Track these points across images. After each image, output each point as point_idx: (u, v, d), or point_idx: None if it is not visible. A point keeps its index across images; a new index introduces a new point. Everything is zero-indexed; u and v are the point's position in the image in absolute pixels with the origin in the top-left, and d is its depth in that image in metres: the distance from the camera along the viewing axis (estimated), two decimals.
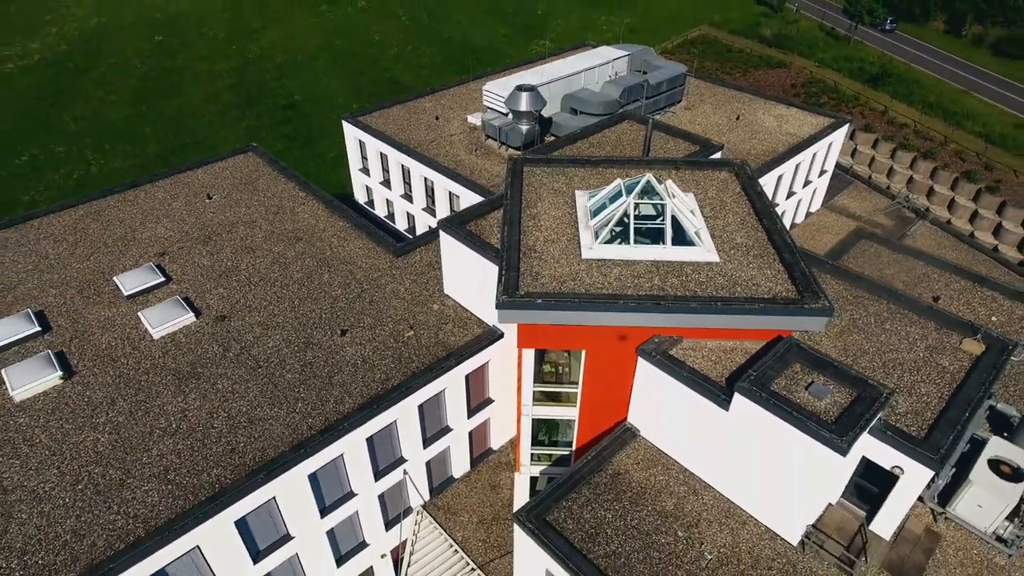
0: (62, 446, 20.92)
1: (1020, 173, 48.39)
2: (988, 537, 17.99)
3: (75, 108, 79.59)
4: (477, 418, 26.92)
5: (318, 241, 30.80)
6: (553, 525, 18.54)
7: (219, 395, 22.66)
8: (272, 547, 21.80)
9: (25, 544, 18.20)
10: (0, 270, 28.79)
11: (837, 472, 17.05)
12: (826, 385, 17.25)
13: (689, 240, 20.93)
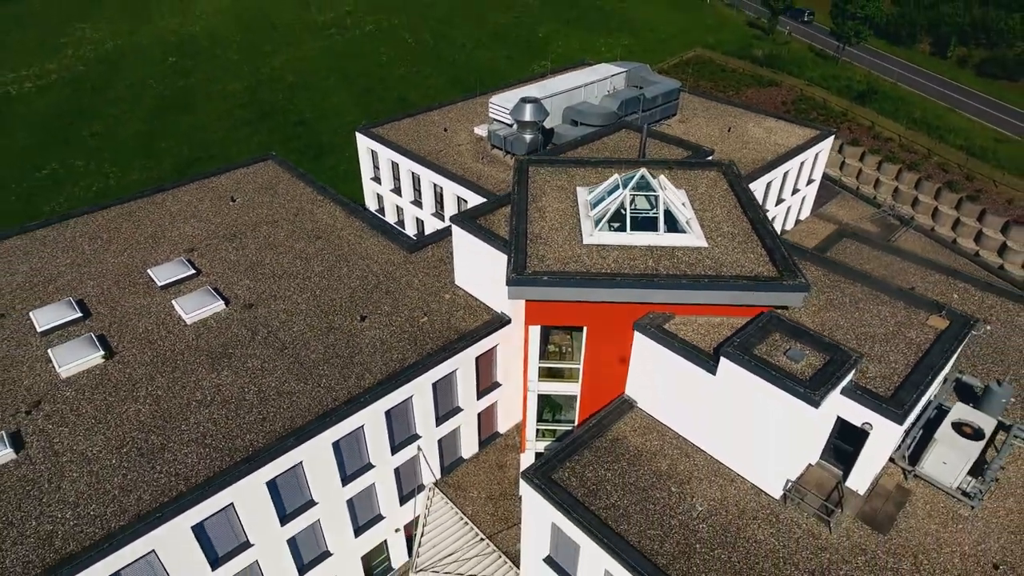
0: (107, 416, 22.82)
1: (1000, 183, 50.80)
2: (953, 491, 19.81)
3: (93, 125, 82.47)
4: (485, 400, 28.80)
5: (336, 239, 32.96)
6: (558, 482, 20.37)
7: (249, 372, 24.61)
8: (298, 511, 23.57)
9: (78, 498, 20.03)
10: (41, 264, 30.93)
11: (814, 428, 18.95)
12: (802, 350, 19.24)
13: (680, 228, 23.09)
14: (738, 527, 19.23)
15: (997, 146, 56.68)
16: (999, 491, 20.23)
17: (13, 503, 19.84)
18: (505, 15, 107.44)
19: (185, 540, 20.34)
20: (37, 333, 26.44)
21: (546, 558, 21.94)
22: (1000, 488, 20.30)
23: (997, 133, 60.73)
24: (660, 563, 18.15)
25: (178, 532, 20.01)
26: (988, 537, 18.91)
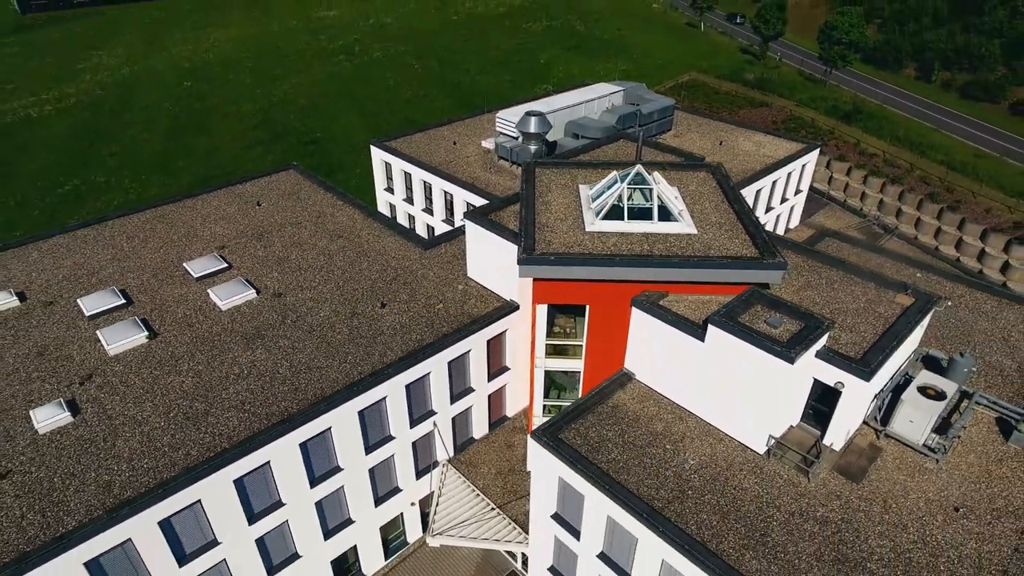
0: (153, 387, 25.13)
1: (978, 194, 53.67)
2: (920, 447, 22.03)
3: (111, 145, 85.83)
4: (495, 383, 31.07)
5: (356, 238, 35.57)
6: (564, 441, 22.61)
7: (281, 350, 26.98)
8: (326, 475, 25.71)
9: (131, 454, 22.24)
10: (84, 259, 33.48)
11: (792, 387, 21.26)
12: (780, 318, 21.67)
13: (673, 217, 25.70)
14: (726, 477, 21.43)
15: (976, 161, 59.77)
16: (962, 448, 22.46)
17: (73, 458, 22.04)
18: (508, 42, 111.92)
19: (227, 493, 22.50)
20: (85, 317, 28.86)
21: (553, 515, 24.04)
22: (963, 445, 22.53)
23: (976, 150, 63.93)
24: (656, 506, 20.31)
25: (221, 485, 22.18)
26: (950, 485, 21.10)
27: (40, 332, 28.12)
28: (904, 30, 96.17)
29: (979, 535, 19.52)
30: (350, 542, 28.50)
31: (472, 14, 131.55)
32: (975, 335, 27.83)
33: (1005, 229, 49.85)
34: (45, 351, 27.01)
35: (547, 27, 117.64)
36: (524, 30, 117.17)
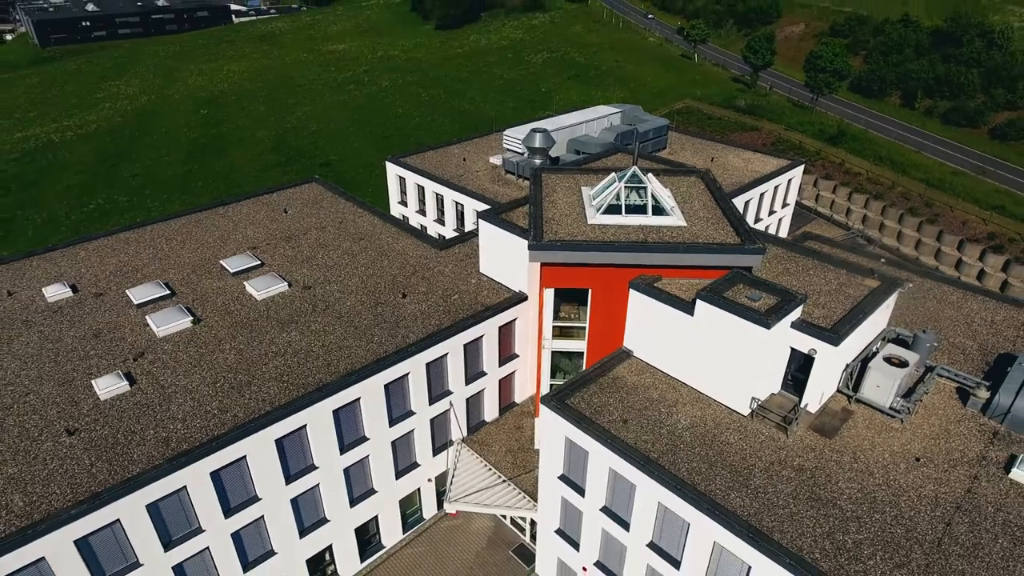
0: (200, 362, 27.96)
1: (955, 208, 57.08)
2: (886, 409, 24.77)
3: (133, 167, 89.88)
4: (505, 368, 33.86)
5: (376, 240, 38.73)
6: (570, 405, 25.35)
7: (313, 333, 29.87)
8: (354, 443, 28.36)
9: (184, 416, 24.97)
10: (128, 258, 36.58)
11: (771, 353, 24.09)
12: (759, 294, 24.64)
13: (665, 212, 28.88)
14: (714, 434, 24.13)
15: (953, 178, 63.38)
16: (925, 412, 25.20)
17: (133, 418, 24.77)
18: (511, 73, 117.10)
19: (269, 452, 25.17)
20: (134, 305, 31.83)
21: (560, 476, 26.63)
22: (926, 409, 25.27)
23: (954, 168, 67.65)
24: (652, 456, 22.98)
25: (264, 443, 24.86)
26: (913, 441, 23.81)
27: (94, 318, 31.06)
28: (888, 61, 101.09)
29: (936, 480, 22.17)
30: (372, 512, 30.95)
31: (476, 47, 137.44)
32: (941, 320, 30.76)
33: (980, 239, 53.12)
34: (100, 333, 29.91)
35: (548, 59, 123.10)
36: (526, 61, 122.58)
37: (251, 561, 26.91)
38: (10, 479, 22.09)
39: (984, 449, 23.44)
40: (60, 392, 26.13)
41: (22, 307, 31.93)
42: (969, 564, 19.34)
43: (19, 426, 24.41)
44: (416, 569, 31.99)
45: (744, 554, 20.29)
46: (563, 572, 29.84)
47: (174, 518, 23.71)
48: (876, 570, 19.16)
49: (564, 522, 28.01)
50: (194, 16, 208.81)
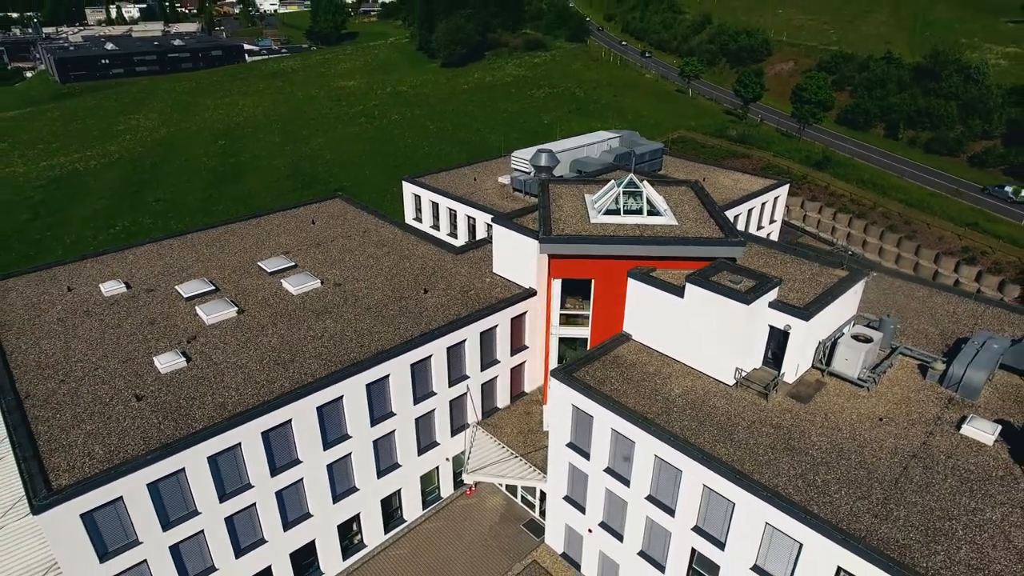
0: (247, 344, 31.44)
1: (932, 226, 61.06)
2: (855, 380, 28.17)
3: (156, 192, 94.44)
4: (516, 358, 37.27)
5: (398, 246, 42.56)
6: (576, 377, 28.76)
7: (345, 321, 33.41)
8: (383, 417, 31.63)
9: (237, 385, 28.32)
10: (172, 261, 40.33)
11: (750, 326, 27.58)
12: (741, 278, 28.30)
13: (659, 212, 32.74)
14: (703, 400, 27.49)
15: (931, 199, 67.61)
16: (889, 383, 28.58)
17: (191, 388, 28.14)
18: (514, 106, 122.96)
19: (310, 417, 28.46)
20: (183, 299, 35.43)
21: (568, 443, 29.85)
22: (890, 380, 28.66)
23: (931, 191, 72.00)
24: (649, 417, 26.31)
25: (306, 409, 28.18)
26: (877, 405, 27.16)
27: (148, 309, 34.66)
28: (872, 95, 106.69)
29: (896, 435, 25.48)
30: (396, 485, 33.99)
31: (481, 83, 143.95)
32: (908, 311, 34.37)
33: (955, 253, 56.92)
34: (155, 321, 33.47)
35: (549, 93, 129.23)
36: (528, 96, 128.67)
37: (290, 522, 29.91)
38: (89, 434, 25.40)
39: (939, 412, 26.79)
40: (125, 367, 29.57)
41: (82, 300, 35.55)
42: (920, 497, 22.55)
43: (92, 393, 27.79)
44: (435, 542, 34.83)
45: (729, 492, 23.49)
46: (570, 539, 32.78)
47: (229, 473, 26.88)
48: (841, 502, 22.35)
49: (571, 488, 31.08)
50: (209, 55, 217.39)
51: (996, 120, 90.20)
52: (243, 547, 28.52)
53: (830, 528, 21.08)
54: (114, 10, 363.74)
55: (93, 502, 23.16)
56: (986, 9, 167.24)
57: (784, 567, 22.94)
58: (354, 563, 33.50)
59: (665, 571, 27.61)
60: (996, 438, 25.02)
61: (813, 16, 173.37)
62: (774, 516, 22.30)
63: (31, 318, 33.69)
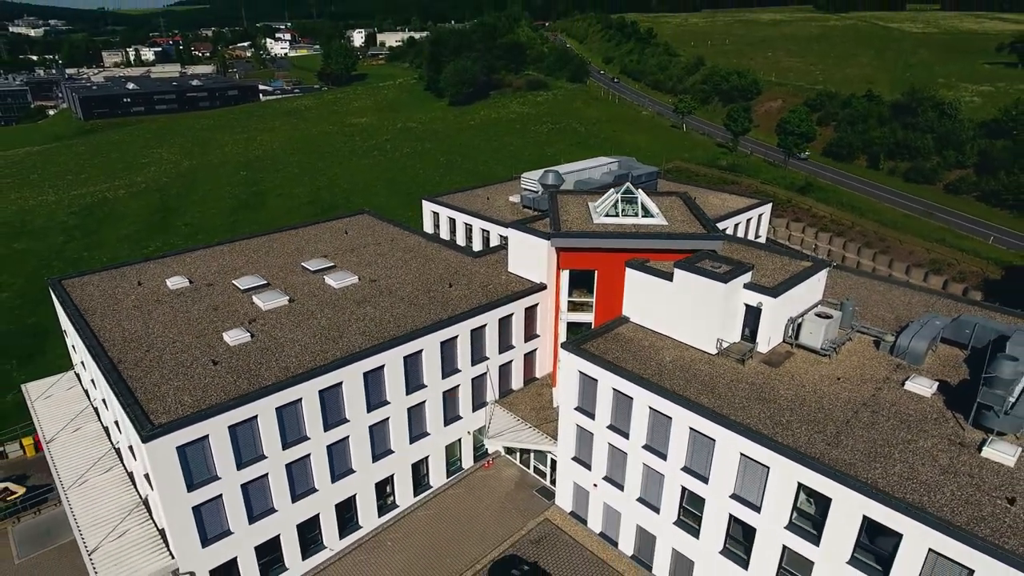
0: (300, 324, 36.70)
1: (904, 242, 66.76)
2: (818, 350, 33.32)
3: (184, 217, 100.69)
4: (529, 345, 42.46)
5: (423, 251, 48.16)
6: (583, 348, 33.95)
7: (383, 308, 38.74)
8: (417, 387, 36.68)
9: (296, 354, 33.51)
10: (227, 261, 45.86)
11: (728, 304, 32.88)
12: (720, 265, 33.78)
13: (651, 214, 38.43)
14: (689, 365, 32.63)
15: (904, 219, 73.54)
16: (847, 353, 33.74)
17: (258, 356, 33.28)
18: (519, 141, 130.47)
19: (357, 381, 33.54)
20: (240, 291, 40.83)
21: (576, 407, 34.84)
22: (848, 351, 33.83)
23: (904, 213, 78.04)
24: (643, 377, 31.42)
25: (354, 374, 33.29)
26: (836, 369, 32.28)
27: (211, 298, 40.04)
28: (855, 129, 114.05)
29: (850, 389, 30.56)
30: (424, 452, 38.79)
31: (487, 120, 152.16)
32: (869, 302, 39.73)
33: (924, 264, 62.45)
34: (218, 307, 38.82)
35: (552, 129, 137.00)
36: (532, 131, 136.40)
37: (338, 474, 34.68)
38: (177, 388, 30.49)
39: (888, 374, 31.93)
40: (199, 341, 34.82)
41: (152, 292, 40.96)
42: (866, 432, 27.54)
43: (174, 360, 32.97)
44: (458, 504, 39.42)
45: (711, 431, 28.47)
46: (578, 498, 37.43)
47: (291, 425, 31.84)
48: (801, 435, 27.33)
49: (579, 448, 35.91)
50: (225, 94, 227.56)
51: (968, 151, 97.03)
52: (298, 493, 33.27)
53: (791, 452, 26.05)
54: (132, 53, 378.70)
55: (186, 437, 28.13)
56: (965, 52, 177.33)
57: (756, 491, 27.77)
58: (387, 520, 38.07)
59: (660, 512, 32.31)
60: (934, 392, 30.09)
61: (801, 59, 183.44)
62: (747, 446, 27.27)
63: (110, 305, 39.05)
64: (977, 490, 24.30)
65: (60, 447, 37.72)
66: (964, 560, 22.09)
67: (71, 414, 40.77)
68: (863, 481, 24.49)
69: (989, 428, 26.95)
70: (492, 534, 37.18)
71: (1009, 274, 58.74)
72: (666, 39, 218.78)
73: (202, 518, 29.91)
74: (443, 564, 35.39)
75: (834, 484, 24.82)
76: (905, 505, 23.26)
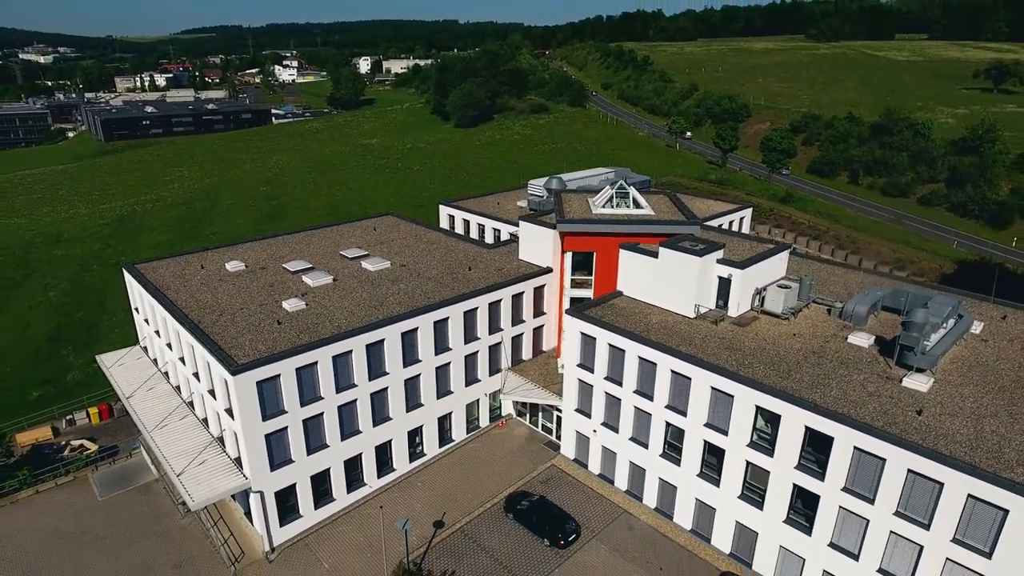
0: (346, 297, 43.48)
1: (873, 243, 73.91)
2: (779, 314, 40.11)
3: (211, 227, 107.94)
4: (538, 320, 49.24)
5: (443, 243, 55.21)
6: (584, 313, 40.75)
7: (414, 285, 45.60)
8: (443, 350, 43.37)
9: (346, 317, 40.29)
10: (273, 251, 52.84)
11: (703, 275, 39.73)
12: (696, 243, 40.77)
13: (641, 206, 45.57)
14: (672, 326, 39.38)
15: (874, 225, 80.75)
16: (804, 318, 40.50)
17: (313, 318, 40.03)
18: (523, 159, 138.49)
19: (396, 339, 40.25)
20: (290, 273, 47.75)
21: (578, 364, 41.50)
22: (805, 317, 40.59)
23: (875, 220, 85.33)
24: (634, 333, 38.16)
25: (394, 333, 40.01)
26: (793, 329, 39.01)
27: (265, 278, 46.94)
28: (836, 148, 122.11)
29: (803, 342, 37.28)
30: (448, 408, 45.32)
31: (492, 140, 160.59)
32: (829, 283, 46.62)
33: (889, 263, 69.31)
34: (273, 284, 45.70)
35: (553, 148, 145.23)
36: (535, 150, 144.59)
37: (377, 420, 41.17)
38: (252, 340, 37.21)
39: (835, 332, 38.68)
40: (262, 308, 41.63)
41: (215, 274, 47.87)
42: (812, 370, 34.20)
43: (245, 320, 39.75)
44: (476, 455, 45.81)
45: (687, 371, 35.12)
46: (580, 446, 43.86)
47: (343, 372, 38.44)
48: (759, 372, 33.97)
49: (580, 401, 42.48)
50: (239, 117, 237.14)
51: (939, 167, 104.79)
52: (346, 432, 39.75)
53: (751, 382, 32.70)
54: (146, 79, 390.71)
55: (263, 374, 34.77)
56: (945, 77, 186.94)
57: (725, 418, 34.31)
58: (416, 466, 44.43)
59: (648, 447, 38.78)
60: (871, 344, 36.81)
61: (790, 84, 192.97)
62: (716, 380, 33.91)
63: (181, 283, 45.93)
64: (894, 406, 30.94)
65: (138, 401, 44.26)
66: (881, 452, 28.62)
67: (143, 378, 47.35)
68: (805, 400, 31.12)
69: (909, 365, 33.63)
70: (506, 476, 43.55)
71: (961, 268, 65.77)
72: (662, 66, 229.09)
73: (271, 446, 36.38)
74: (465, 499, 41.71)
75: (783, 403, 31.44)
76: (836, 414, 29.86)
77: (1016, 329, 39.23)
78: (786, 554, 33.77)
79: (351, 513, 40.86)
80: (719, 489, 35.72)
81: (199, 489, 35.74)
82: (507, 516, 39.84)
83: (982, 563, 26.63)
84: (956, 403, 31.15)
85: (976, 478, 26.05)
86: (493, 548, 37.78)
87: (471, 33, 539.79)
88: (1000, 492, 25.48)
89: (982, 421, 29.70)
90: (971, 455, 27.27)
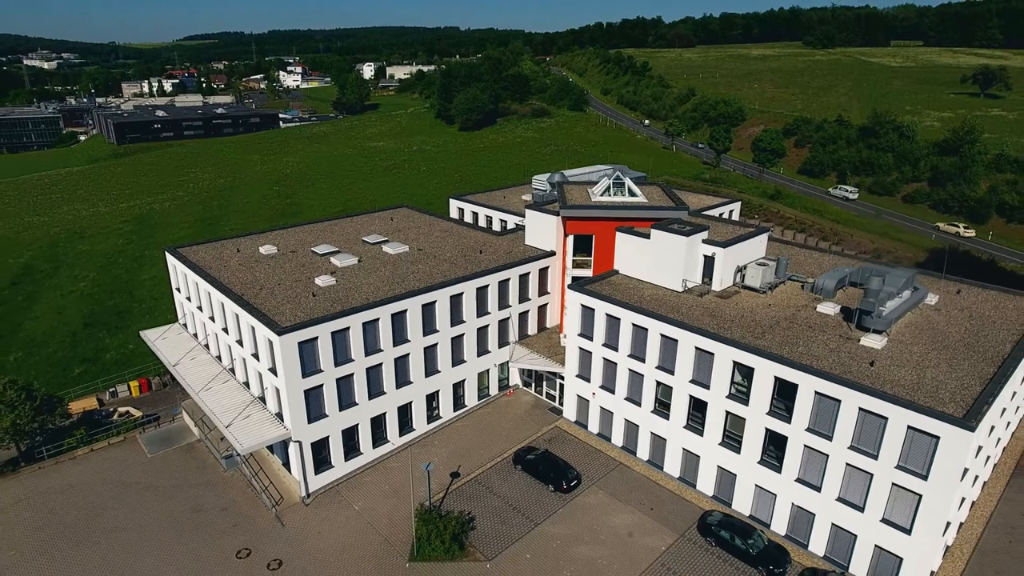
0: (370, 276, 48.57)
1: (854, 236, 79.00)
2: (758, 288, 45.12)
3: (229, 223, 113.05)
4: (542, 299, 54.26)
5: (456, 231, 60.31)
6: (584, 287, 45.77)
7: (431, 265, 50.68)
8: (458, 322, 48.38)
9: (373, 290, 45.33)
10: (300, 237, 57.93)
11: (691, 254, 44.75)
12: (685, 226, 45.83)
13: (635, 194, 50.70)
14: (662, 299, 44.40)
15: (856, 219, 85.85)
16: (780, 292, 45.52)
17: (343, 292, 45.07)
18: (525, 160, 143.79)
19: (417, 311, 45.29)
20: (319, 255, 52.83)
21: (579, 333, 46.50)
22: (781, 291, 45.61)
23: (858, 215, 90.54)
24: (629, 303, 43.17)
25: (415, 305, 45.05)
26: (770, 300, 44.06)
27: (296, 259, 52.02)
28: (826, 150, 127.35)
29: (777, 311, 42.29)
30: (462, 376, 50.28)
31: (495, 143, 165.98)
32: (806, 265, 51.67)
33: (868, 252, 74.31)
34: (304, 265, 50.77)
35: (555, 150, 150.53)
36: (537, 152, 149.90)
37: (400, 383, 46.12)
38: (291, 308, 42.22)
39: (806, 303, 43.71)
40: (297, 283, 46.68)
41: (249, 256, 52.94)
42: (783, 332, 39.20)
43: (283, 293, 44.80)
44: (486, 419, 50.76)
45: (675, 334, 40.12)
46: (580, 408, 48.82)
47: (371, 338, 43.42)
48: (737, 333, 38.96)
49: (581, 367, 47.46)
50: (248, 121, 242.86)
51: (922, 167, 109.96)
52: (373, 393, 44.71)
53: (729, 340, 37.69)
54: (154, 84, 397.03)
55: (303, 336, 39.76)
56: (935, 83, 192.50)
57: (707, 374, 39.27)
58: (433, 428, 49.36)
59: (641, 405, 43.73)
60: (837, 313, 41.80)
61: (785, 89, 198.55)
62: (700, 341, 38.89)
63: (221, 264, 50.99)
64: (851, 360, 35.94)
65: (184, 369, 49.24)
66: (837, 395, 33.53)
67: (185, 349, 52.34)
68: (775, 354, 36.10)
69: (867, 328, 38.62)
70: (514, 436, 48.50)
71: (932, 254, 70.78)
72: (660, 72, 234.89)
73: (309, 401, 41.31)
74: (478, 454, 46.64)
75: (756, 358, 36.41)
76: (801, 365, 34.84)
77: (967, 301, 44.28)
78: (760, 492, 38.70)
79: (376, 467, 45.78)
80: (702, 438, 40.66)
81: (246, 437, 40.68)
82: (516, 468, 44.75)
83: (919, 484, 31.55)
84: (904, 357, 36.17)
85: (914, 411, 31.00)
86: (504, 494, 42.68)
87: (472, 39, 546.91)
88: (933, 422, 30.42)
89: (925, 371, 34.71)
90: (912, 395, 32.24)
